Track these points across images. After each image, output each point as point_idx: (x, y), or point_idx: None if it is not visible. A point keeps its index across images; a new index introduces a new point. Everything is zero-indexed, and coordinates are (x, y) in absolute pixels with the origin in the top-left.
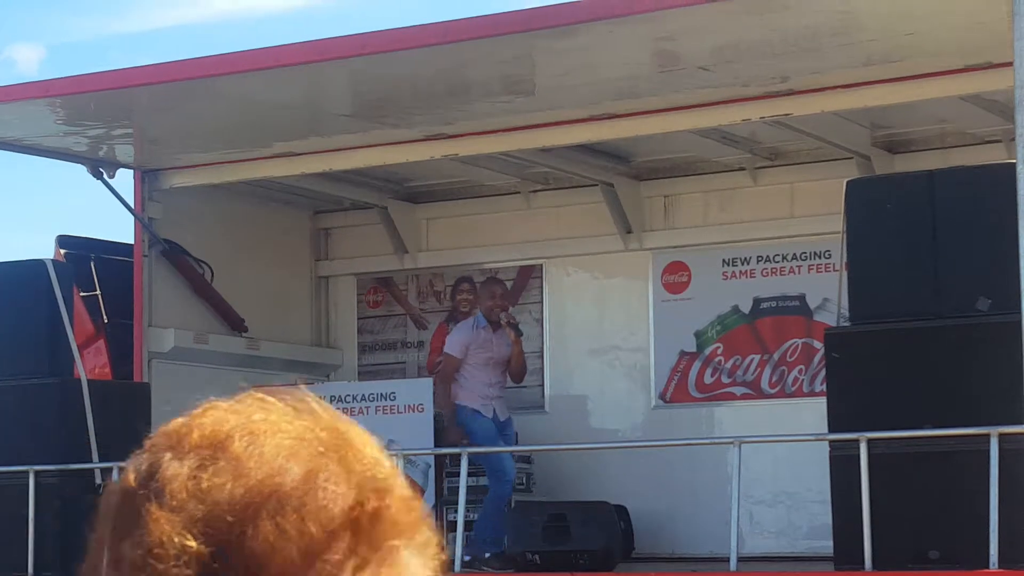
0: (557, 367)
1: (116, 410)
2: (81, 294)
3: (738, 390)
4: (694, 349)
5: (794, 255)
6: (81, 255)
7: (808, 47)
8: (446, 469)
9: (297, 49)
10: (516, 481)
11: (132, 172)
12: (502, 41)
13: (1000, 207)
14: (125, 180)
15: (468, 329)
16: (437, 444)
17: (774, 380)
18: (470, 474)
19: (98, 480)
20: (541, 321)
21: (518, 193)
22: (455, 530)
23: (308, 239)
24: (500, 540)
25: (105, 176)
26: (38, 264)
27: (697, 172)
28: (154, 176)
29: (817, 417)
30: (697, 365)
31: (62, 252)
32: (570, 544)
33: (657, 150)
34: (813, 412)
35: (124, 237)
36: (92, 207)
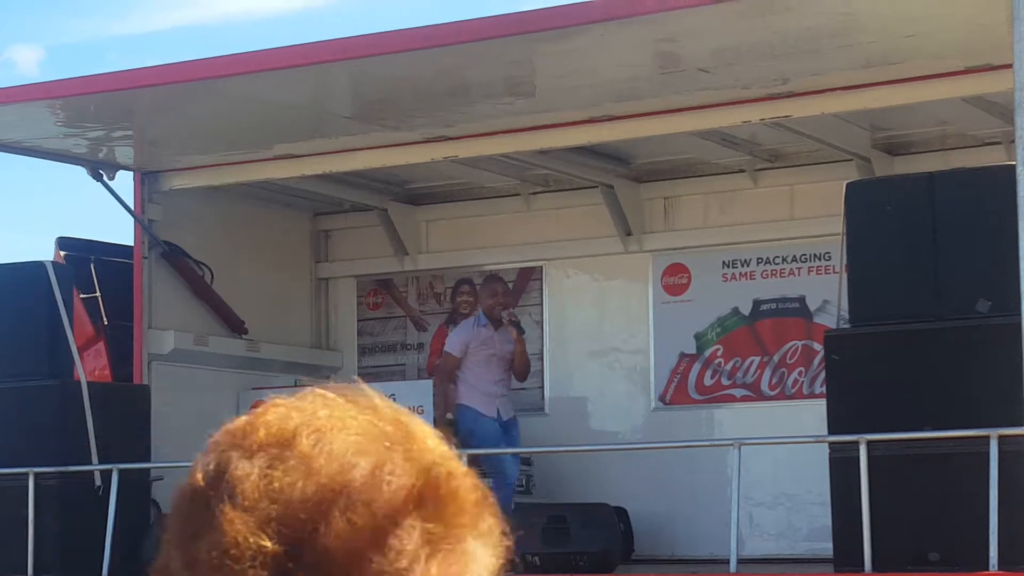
0: (557, 369)
1: (116, 412)
2: (81, 296)
3: (738, 392)
4: (694, 351)
5: (794, 257)
6: (81, 257)
7: (808, 49)
8: None
9: (297, 51)
10: (516, 483)
11: (132, 174)
12: (503, 43)
13: (1000, 209)
14: (125, 182)
15: (468, 327)
16: None
17: (774, 382)
18: None
19: (97, 482)
20: (541, 323)
21: (518, 195)
22: None
23: (308, 241)
24: None
25: (105, 178)
26: (38, 266)
27: (697, 174)
28: (154, 178)
29: (817, 419)
30: (697, 367)
31: (62, 254)
32: (570, 546)
33: (657, 152)
34: (813, 414)
35: (124, 239)
36: (92, 209)
